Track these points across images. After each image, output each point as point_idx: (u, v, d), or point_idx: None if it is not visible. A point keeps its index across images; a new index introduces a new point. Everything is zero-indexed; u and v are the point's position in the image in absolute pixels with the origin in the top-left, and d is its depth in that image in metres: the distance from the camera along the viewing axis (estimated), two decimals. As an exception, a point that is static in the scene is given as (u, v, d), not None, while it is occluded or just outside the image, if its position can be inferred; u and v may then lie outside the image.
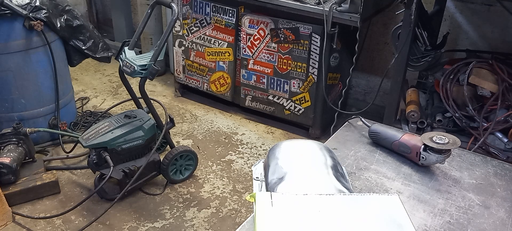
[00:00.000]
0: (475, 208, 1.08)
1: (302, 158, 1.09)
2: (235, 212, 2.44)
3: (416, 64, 2.58)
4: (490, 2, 2.84)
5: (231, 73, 3.26)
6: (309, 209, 0.88)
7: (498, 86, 2.37)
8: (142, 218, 2.35)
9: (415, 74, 2.94)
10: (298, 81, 2.99)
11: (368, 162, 1.25)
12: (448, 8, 2.96)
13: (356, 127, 1.44)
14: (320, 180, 1.00)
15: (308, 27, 2.80)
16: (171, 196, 2.52)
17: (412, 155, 1.22)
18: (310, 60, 2.88)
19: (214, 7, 3.11)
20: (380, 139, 1.31)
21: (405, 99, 2.71)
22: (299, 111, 3.10)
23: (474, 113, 2.42)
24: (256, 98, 3.24)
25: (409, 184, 1.16)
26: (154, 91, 3.72)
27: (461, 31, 3.04)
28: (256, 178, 1.13)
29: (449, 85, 2.50)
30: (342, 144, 1.34)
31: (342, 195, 0.94)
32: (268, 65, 3.06)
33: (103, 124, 2.34)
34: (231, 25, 3.10)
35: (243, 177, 2.73)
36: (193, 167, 2.66)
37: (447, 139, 1.14)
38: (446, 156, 1.17)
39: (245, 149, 3.01)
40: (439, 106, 2.59)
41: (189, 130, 3.20)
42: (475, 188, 1.16)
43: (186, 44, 3.36)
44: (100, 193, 2.41)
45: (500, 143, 2.40)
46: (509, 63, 2.45)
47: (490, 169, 1.26)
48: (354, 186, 1.14)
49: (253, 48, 3.07)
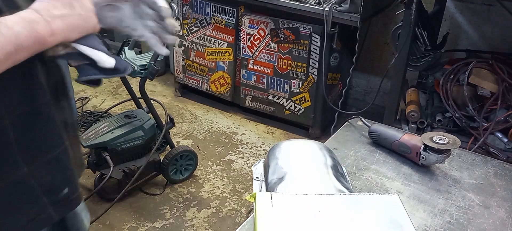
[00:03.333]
0: (475, 208, 1.08)
1: (302, 158, 1.09)
2: (235, 212, 2.44)
3: (416, 64, 2.57)
4: (490, 2, 2.84)
5: (231, 73, 3.26)
6: (309, 209, 0.88)
7: (498, 86, 2.37)
8: (142, 218, 2.35)
9: (415, 74, 2.94)
10: (298, 81, 2.99)
11: (368, 162, 1.25)
12: (448, 8, 2.95)
13: (356, 127, 1.44)
14: (320, 180, 1.00)
15: (308, 27, 2.80)
16: (171, 196, 2.52)
17: (412, 155, 1.22)
18: (310, 60, 2.88)
19: (214, 7, 3.11)
20: (380, 139, 1.31)
21: (405, 99, 2.71)
22: (299, 111, 3.10)
23: (474, 113, 2.42)
24: (256, 98, 3.24)
25: (409, 184, 1.16)
26: (154, 91, 3.72)
27: (461, 31, 3.04)
28: (256, 178, 1.13)
29: (449, 85, 2.50)
30: (342, 144, 1.34)
31: (342, 195, 0.94)
32: (268, 65, 3.06)
33: (103, 124, 2.34)
34: (231, 25, 3.10)
35: (243, 177, 2.73)
36: (193, 167, 2.66)
37: (447, 139, 1.14)
38: (446, 156, 1.17)
39: (245, 149, 3.01)
40: (439, 106, 2.59)
41: (189, 130, 3.20)
42: (475, 188, 1.16)
43: (186, 44, 3.36)
44: (100, 193, 2.40)
45: (500, 143, 2.40)
46: (509, 63, 2.45)
47: (490, 169, 1.26)
48: (354, 186, 1.14)
49: (253, 48, 3.07)
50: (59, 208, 0.88)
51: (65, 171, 0.89)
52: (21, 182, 0.81)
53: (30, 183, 0.82)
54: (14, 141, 0.78)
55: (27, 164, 0.81)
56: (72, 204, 0.92)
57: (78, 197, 0.92)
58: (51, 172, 0.85)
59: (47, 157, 0.84)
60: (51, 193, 0.86)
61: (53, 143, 0.86)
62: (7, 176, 0.79)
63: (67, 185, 0.89)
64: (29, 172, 0.81)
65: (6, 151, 0.78)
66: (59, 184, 0.87)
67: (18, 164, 0.80)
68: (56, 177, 0.87)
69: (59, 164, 0.87)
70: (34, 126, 0.81)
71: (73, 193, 0.90)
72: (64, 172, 0.89)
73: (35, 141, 0.82)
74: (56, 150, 0.86)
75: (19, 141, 0.79)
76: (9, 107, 0.77)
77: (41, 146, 0.83)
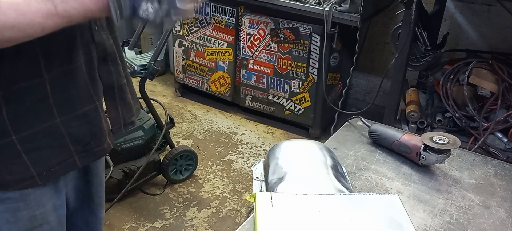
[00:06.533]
0: (475, 208, 1.08)
1: (302, 158, 1.09)
2: (235, 212, 2.44)
3: (416, 64, 2.57)
4: (490, 2, 2.84)
5: (231, 73, 3.26)
6: (309, 209, 0.88)
7: (498, 86, 2.37)
8: (142, 218, 2.35)
9: (415, 74, 2.94)
10: (298, 81, 2.99)
11: (368, 162, 1.25)
12: (448, 8, 2.95)
13: (356, 127, 1.44)
14: (320, 180, 1.00)
15: (308, 27, 2.80)
16: (171, 196, 2.52)
17: (412, 155, 1.22)
18: (310, 60, 2.88)
19: (214, 7, 3.11)
20: (380, 139, 1.31)
21: (405, 99, 2.71)
22: (299, 111, 3.10)
23: (474, 114, 2.42)
24: (256, 98, 3.24)
25: (409, 184, 1.16)
26: (154, 91, 3.72)
27: (461, 31, 3.04)
28: (256, 178, 1.13)
29: (449, 85, 2.50)
30: (342, 144, 1.34)
31: (342, 195, 0.94)
32: (268, 65, 3.06)
33: (103, 124, 2.33)
34: (231, 25, 3.10)
35: (243, 177, 2.73)
36: (193, 167, 2.66)
37: (447, 139, 1.14)
38: (446, 156, 1.17)
39: (245, 149, 3.01)
40: (439, 106, 2.59)
41: (189, 130, 3.20)
42: (475, 188, 1.16)
43: (186, 44, 3.36)
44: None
45: (500, 143, 2.40)
46: (509, 63, 2.45)
47: (490, 169, 1.25)
48: (354, 186, 1.14)
49: (253, 48, 3.07)
50: (84, 157, 1.01)
51: (92, 126, 1.00)
52: (54, 129, 0.93)
53: (61, 132, 0.95)
54: (51, 94, 0.91)
55: (59, 115, 0.94)
56: (96, 155, 1.04)
57: (102, 150, 1.05)
58: (80, 125, 0.98)
59: (77, 112, 0.97)
60: (78, 143, 0.98)
61: (84, 101, 0.98)
62: (43, 122, 0.92)
63: (92, 138, 1.01)
64: (61, 122, 0.94)
65: (43, 102, 0.91)
66: (85, 137, 0.99)
67: (52, 114, 0.93)
68: (83, 130, 0.99)
69: (87, 119, 0.99)
70: (68, 85, 0.94)
71: (97, 146, 1.03)
72: (91, 127, 1.00)
73: (68, 97, 0.94)
74: (85, 106, 0.98)
75: (55, 95, 0.92)
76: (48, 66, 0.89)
77: (73, 102, 0.96)
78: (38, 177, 0.94)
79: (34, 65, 0.88)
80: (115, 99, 1.09)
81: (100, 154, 1.06)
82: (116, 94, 1.09)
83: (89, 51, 0.98)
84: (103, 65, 1.03)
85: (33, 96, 0.89)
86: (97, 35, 0.99)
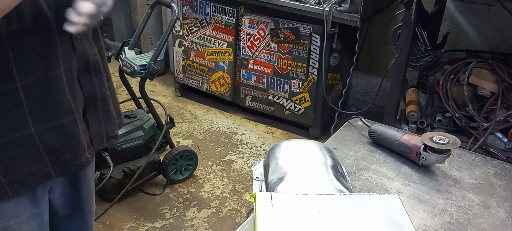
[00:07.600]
0: (475, 208, 1.08)
1: (302, 158, 1.09)
2: (235, 212, 2.44)
3: (416, 64, 2.57)
4: (490, 2, 2.84)
5: (231, 73, 3.26)
6: (309, 209, 0.88)
7: (498, 86, 2.37)
8: (142, 218, 2.35)
9: (415, 74, 2.94)
10: (298, 81, 2.99)
11: (368, 162, 1.25)
12: (448, 8, 2.95)
13: (356, 127, 1.44)
14: (320, 180, 1.00)
15: (308, 27, 2.80)
16: (171, 196, 2.52)
17: (412, 155, 1.22)
18: (310, 60, 2.88)
19: (214, 7, 3.11)
20: (380, 139, 1.31)
21: (405, 99, 2.71)
22: (299, 111, 3.10)
23: (474, 113, 2.42)
24: (256, 98, 3.24)
25: (409, 184, 1.16)
26: (154, 91, 3.72)
27: (461, 31, 3.04)
28: (256, 178, 1.13)
29: (449, 85, 2.50)
30: (342, 144, 1.34)
31: (342, 195, 0.94)
32: (268, 65, 3.06)
33: (103, 124, 2.33)
34: (231, 25, 3.10)
35: (243, 177, 2.73)
36: (193, 167, 2.66)
37: (447, 139, 1.14)
38: (446, 156, 1.17)
39: (245, 149, 3.01)
40: (439, 106, 2.59)
41: (189, 130, 3.20)
42: (475, 188, 1.16)
43: (186, 44, 3.36)
44: (100, 193, 2.40)
45: (500, 143, 2.40)
46: (509, 63, 2.45)
47: (490, 169, 1.25)
48: (354, 186, 1.14)
49: (253, 48, 3.07)
50: (59, 169, 0.98)
51: (69, 138, 0.96)
52: (27, 139, 0.90)
53: (35, 142, 0.91)
54: (25, 102, 0.87)
55: (34, 124, 0.90)
56: (72, 168, 1.00)
57: (79, 163, 1.01)
58: (56, 136, 0.94)
59: (53, 122, 0.93)
60: (53, 153, 0.95)
61: (61, 111, 0.94)
62: (16, 131, 0.88)
63: (69, 150, 0.97)
64: (36, 132, 0.91)
65: (16, 110, 0.87)
66: (61, 148, 0.96)
67: (26, 123, 0.89)
68: (60, 141, 0.95)
69: (64, 131, 0.95)
70: (45, 93, 0.90)
71: (74, 159, 0.99)
72: (68, 139, 0.96)
73: (44, 106, 0.91)
74: (63, 117, 0.94)
75: (29, 103, 0.88)
76: (23, 72, 0.85)
77: (49, 111, 0.92)
78: (9, 188, 0.90)
79: (6, 70, 0.84)
80: (97, 111, 1.05)
81: (77, 168, 1.02)
82: (99, 106, 1.05)
83: (69, 60, 0.94)
84: (85, 75, 0.99)
85: (4, 104, 0.85)
86: (79, 44, 0.96)
